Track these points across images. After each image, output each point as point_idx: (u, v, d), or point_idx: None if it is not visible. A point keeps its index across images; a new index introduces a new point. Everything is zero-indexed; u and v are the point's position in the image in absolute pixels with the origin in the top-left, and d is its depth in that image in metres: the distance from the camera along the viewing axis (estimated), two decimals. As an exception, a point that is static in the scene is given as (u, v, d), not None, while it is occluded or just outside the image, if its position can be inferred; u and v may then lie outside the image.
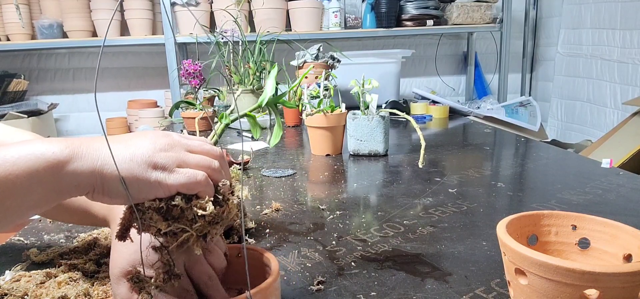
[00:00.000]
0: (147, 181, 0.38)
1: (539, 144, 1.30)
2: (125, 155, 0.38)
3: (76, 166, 0.37)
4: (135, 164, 0.38)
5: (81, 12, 2.35)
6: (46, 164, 0.35)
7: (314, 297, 0.52)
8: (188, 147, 0.42)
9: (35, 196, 0.36)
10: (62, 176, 0.36)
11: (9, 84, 2.33)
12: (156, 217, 0.39)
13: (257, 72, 1.84)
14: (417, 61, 2.79)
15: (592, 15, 2.28)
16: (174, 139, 0.42)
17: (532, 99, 2.23)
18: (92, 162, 0.37)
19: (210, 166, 0.42)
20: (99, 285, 0.53)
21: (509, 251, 0.42)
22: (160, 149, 0.40)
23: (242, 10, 2.29)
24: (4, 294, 0.51)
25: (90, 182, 0.37)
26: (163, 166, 0.39)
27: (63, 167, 0.36)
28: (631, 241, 0.44)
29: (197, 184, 0.40)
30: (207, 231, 0.41)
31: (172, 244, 0.40)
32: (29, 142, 0.37)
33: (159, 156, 0.39)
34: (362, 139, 1.18)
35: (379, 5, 2.32)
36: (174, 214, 0.39)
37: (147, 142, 0.40)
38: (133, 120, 2.53)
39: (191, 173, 0.40)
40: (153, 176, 0.38)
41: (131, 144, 0.39)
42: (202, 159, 0.42)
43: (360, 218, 0.76)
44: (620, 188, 0.87)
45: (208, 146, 0.44)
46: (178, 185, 0.39)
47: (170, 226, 0.39)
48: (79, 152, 0.37)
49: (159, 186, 0.38)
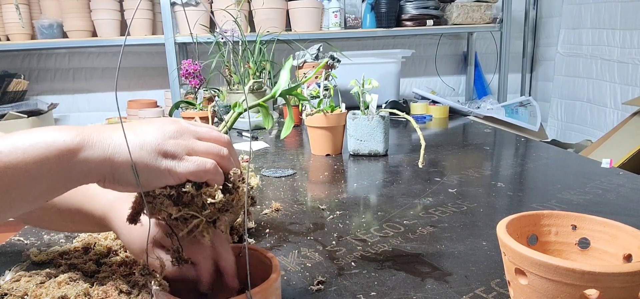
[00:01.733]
0: (157, 169, 0.38)
1: (539, 144, 1.30)
2: (135, 143, 0.38)
3: (87, 154, 0.37)
4: (146, 152, 0.38)
5: (81, 12, 2.35)
6: (57, 152, 0.35)
7: (314, 297, 0.52)
8: (197, 134, 0.42)
9: (45, 184, 0.36)
10: (73, 164, 0.36)
11: (9, 84, 2.33)
12: (167, 203, 0.39)
13: (257, 72, 1.84)
14: (417, 61, 2.79)
15: (592, 15, 2.28)
16: (182, 126, 0.41)
17: (532, 99, 2.23)
18: (103, 151, 0.37)
19: (219, 153, 0.42)
20: (99, 285, 0.53)
21: (509, 251, 0.42)
22: (170, 136, 0.40)
23: (242, 10, 2.29)
24: (4, 294, 0.51)
25: (101, 171, 0.37)
26: (173, 153, 0.39)
27: (74, 155, 0.36)
28: (631, 241, 0.44)
29: (206, 172, 0.40)
30: (216, 218, 0.41)
31: (182, 230, 0.41)
32: (40, 130, 0.36)
33: (168, 143, 0.39)
34: (362, 139, 1.18)
35: (379, 5, 2.32)
36: (184, 201, 0.40)
37: (156, 129, 0.40)
38: (133, 120, 2.53)
39: (201, 161, 0.40)
40: (163, 164, 0.38)
41: (140, 132, 0.39)
42: (211, 146, 0.42)
43: (360, 218, 0.76)
44: (620, 188, 0.87)
45: (216, 133, 0.44)
46: (188, 173, 0.39)
47: (181, 211, 0.40)
48: (90, 140, 0.37)
49: (169, 173, 0.39)
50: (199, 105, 1.65)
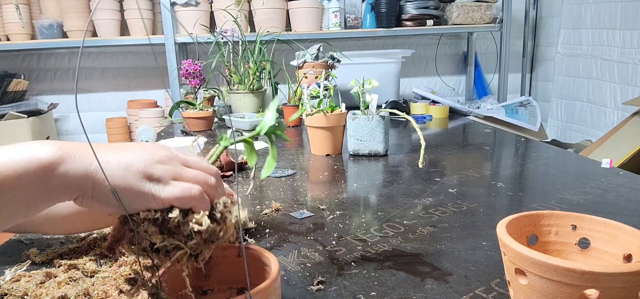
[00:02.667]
0: (141, 192, 0.38)
1: (539, 144, 1.30)
2: (122, 162, 0.38)
3: (67, 168, 0.36)
4: (131, 173, 0.38)
5: (81, 12, 2.35)
6: (37, 165, 0.35)
7: (314, 297, 0.52)
8: (185, 162, 0.42)
9: (24, 197, 0.35)
10: (51, 177, 0.36)
11: (9, 84, 2.33)
12: (152, 229, 0.38)
13: (257, 72, 1.84)
14: (417, 61, 2.79)
15: (592, 15, 2.28)
16: (171, 153, 0.41)
17: (532, 99, 2.23)
18: (85, 166, 0.37)
19: (206, 181, 0.41)
20: (99, 285, 0.53)
21: (509, 251, 0.42)
22: (158, 161, 0.39)
23: (242, 10, 2.29)
24: (4, 294, 0.51)
25: (80, 185, 0.37)
26: (158, 177, 0.39)
27: (54, 168, 0.36)
28: (631, 241, 0.44)
29: (192, 198, 0.39)
30: (200, 251, 0.40)
31: (163, 263, 0.39)
32: (24, 144, 0.36)
33: (155, 167, 0.39)
34: (362, 139, 1.18)
35: (379, 5, 2.32)
36: (169, 227, 0.38)
37: (145, 153, 0.39)
38: (133, 120, 2.53)
39: (186, 186, 0.39)
40: (147, 186, 0.38)
41: (129, 152, 0.39)
42: (198, 174, 0.41)
43: (360, 218, 0.76)
44: (620, 188, 0.87)
45: (205, 163, 0.44)
46: (172, 198, 0.38)
47: (165, 240, 0.38)
48: (72, 154, 0.37)
49: (153, 197, 0.38)
50: (199, 105, 1.65)
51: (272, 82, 1.92)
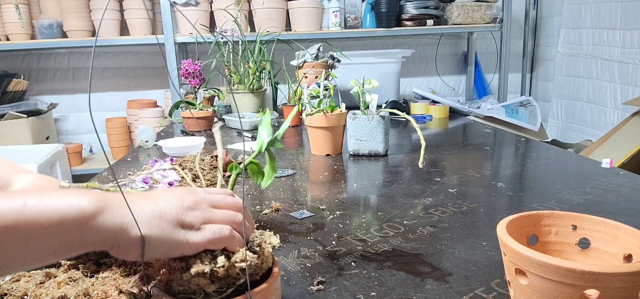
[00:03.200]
0: (176, 240, 0.39)
1: (539, 144, 1.30)
2: (155, 212, 0.39)
3: (104, 219, 0.37)
4: (165, 223, 0.39)
5: (81, 12, 2.35)
6: (77, 213, 0.36)
7: (314, 297, 0.52)
8: (212, 203, 0.43)
9: (59, 243, 0.36)
10: (88, 227, 0.36)
11: (8, 84, 2.33)
12: (204, 282, 0.39)
13: (257, 72, 1.84)
14: (417, 61, 2.79)
15: (592, 15, 2.28)
16: (199, 197, 0.43)
17: (532, 99, 2.23)
18: (120, 218, 0.37)
19: (235, 220, 0.43)
20: (99, 285, 0.53)
21: (509, 251, 0.42)
22: (188, 207, 0.41)
23: (242, 10, 2.29)
24: (4, 294, 0.51)
25: (116, 238, 0.37)
26: (190, 224, 0.40)
27: (92, 218, 0.36)
28: (631, 241, 0.44)
29: (223, 239, 0.41)
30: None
31: None
32: (66, 191, 0.37)
33: (186, 214, 0.40)
34: (362, 139, 1.18)
35: (379, 5, 2.32)
36: (219, 275, 0.39)
37: (176, 199, 0.41)
38: (133, 120, 2.53)
39: (217, 228, 0.41)
40: (181, 234, 0.39)
41: (160, 201, 0.40)
42: (227, 214, 0.43)
43: (360, 218, 0.76)
44: (620, 188, 0.87)
45: (231, 199, 0.45)
46: (206, 241, 0.40)
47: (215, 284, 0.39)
48: (110, 206, 0.37)
49: (187, 244, 0.39)
50: (199, 105, 1.65)
51: (272, 82, 1.92)
